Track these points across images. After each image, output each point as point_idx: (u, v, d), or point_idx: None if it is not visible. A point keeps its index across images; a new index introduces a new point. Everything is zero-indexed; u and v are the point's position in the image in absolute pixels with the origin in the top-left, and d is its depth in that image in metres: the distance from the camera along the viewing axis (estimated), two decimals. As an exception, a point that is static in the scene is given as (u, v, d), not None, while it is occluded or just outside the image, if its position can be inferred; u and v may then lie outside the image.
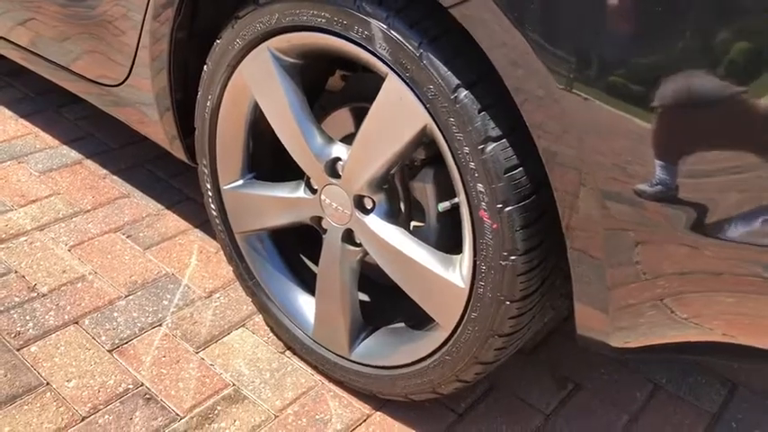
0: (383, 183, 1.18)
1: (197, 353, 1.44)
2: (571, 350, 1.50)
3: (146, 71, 1.47)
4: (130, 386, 1.35)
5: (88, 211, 1.82)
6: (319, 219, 1.29)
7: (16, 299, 1.52)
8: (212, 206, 1.44)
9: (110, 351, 1.42)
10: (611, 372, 1.49)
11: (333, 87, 1.42)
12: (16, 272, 1.59)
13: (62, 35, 1.69)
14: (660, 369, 1.50)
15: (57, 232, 1.73)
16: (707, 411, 1.42)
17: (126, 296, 1.56)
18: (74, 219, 1.78)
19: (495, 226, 1.01)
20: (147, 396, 1.34)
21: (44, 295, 1.54)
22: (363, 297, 1.42)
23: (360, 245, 1.24)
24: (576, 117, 0.87)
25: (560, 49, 0.84)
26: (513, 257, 1.02)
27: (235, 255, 1.45)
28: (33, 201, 1.83)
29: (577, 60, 0.84)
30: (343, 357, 1.34)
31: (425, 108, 1.02)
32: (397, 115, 1.07)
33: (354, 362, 1.33)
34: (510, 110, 0.94)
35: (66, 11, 1.63)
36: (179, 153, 1.55)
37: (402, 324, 1.31)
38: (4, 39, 1.91)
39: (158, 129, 1.55)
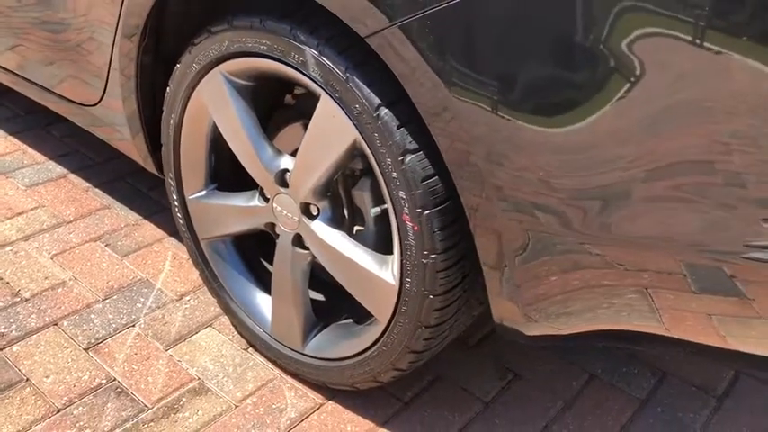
0: (326, 191, 1.31)
1: (166, 350, 1.56)
2: (513, 343, 1.62)
3: (117, 92, 1.60)
4: (103, 381, 1.48)
5: (70, 222, 1.95)
6: (273, 225, 1.42)
7: (0, 303, 1.65)
8: (179, 215, 1.57)
9: (86, 350, 1.55)
10: (549, 363, 1.61)
11: (289, 104, 1.55)
12: (1, 279, 1.72)
13: (46, 60, 1.82)
14: (596, 360, 1.62)
15: (40, 242, 1.86)
16: (636, 398, 1.54)
17: (103, 300, 1.69)
18: (57, 229, 1.91)
19: (416, 228, 1.14)
20: (119, 390, 1.46)
21: (27, 300, 1.67)
22: (318, 296, 1.55)
23: (308, 248, 1.37)
24: (474, 132, 1.00)
25: (458, 72, 0.97)
26: (432, 256, 1.14)
27: (200, 259, 1.58)
28: (19, 213, 1.96)
29: (474, 82, 0.96)
30: (297, 351, 1.47)
31: (354, 125, 1.15)
32: (330, 131, 1.20)
33: (307, 355, 1.45)
34: (424, 125, 1.07)
35: (49, 37, 1.76)
36: (150, 167, 1.68)
37: (349, 320, 1.44)
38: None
39: (131, 146, 1.68)
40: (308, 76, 1.18)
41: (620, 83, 0.86)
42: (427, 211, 1.12)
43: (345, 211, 1.36)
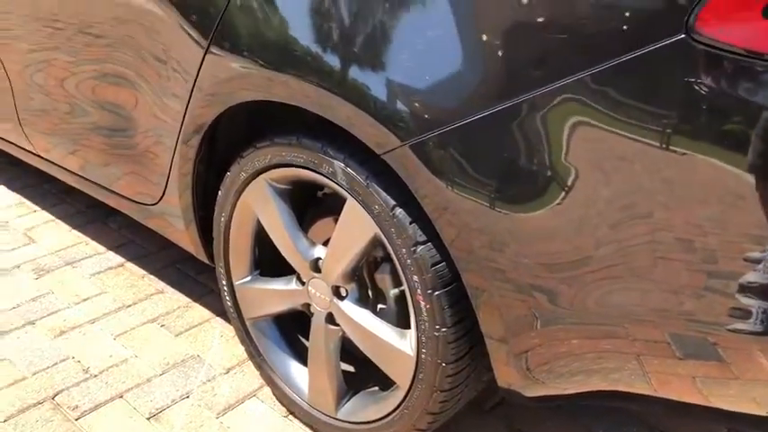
0: (353, 275, 1.54)
1: (217, 418, 1.78)
2: (525, 408, 1.81)
3: (175, 191, 1.86)
4: (164, 445, 1.70)
5: (129, 305, 2.20)
6: (308, 305, 1.65)
7: (74, 379, 1.89)
8: (227, 298, 1.82)
9: (148, 419, 1.77)
10: (557, 424, 1.79)
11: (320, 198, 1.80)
12: (73, 357, 1.97)
13: (104, 162, 2.08)
14: (600, 421, 1.80)
15: (104, 324, 2.11)
16: (635, 454, 1.72)
17: (160, 374, 1.92)
18: (118, 313, 2.17)
19: (428, 306, 1.36)
20: (177, 453, 1.68)
21: (96, 375, 1.91)
22: (348, 367, 1.77)
23: (339, 325, 1.60)
24: (471, 226, 1.23)
25: (457, 178, 1.21)
26: (443, 330, 1.36)
27: (246, 336, 1.81)
28: (85, 299, 2.23)
29: (470, 185, 1.19)
30: (331, 417, 1.67)
31: (374, 221, 1.39)
32: (355, 226, 1.44)
33: (340, 420, 1.66)
34: (430, 221, 1.30)
35: (110, 141, 2.02)
36: (202, 257, 1.93)
37: (375, 387, 1.65)
38: (59, 165, 2.33)
39: (185, 237, 1.94)
40: (336, 183, 1.43)
41: (596, 181, 1.08)
42: (437, 292, 1.34)
43: (370, 293, 1.59)
